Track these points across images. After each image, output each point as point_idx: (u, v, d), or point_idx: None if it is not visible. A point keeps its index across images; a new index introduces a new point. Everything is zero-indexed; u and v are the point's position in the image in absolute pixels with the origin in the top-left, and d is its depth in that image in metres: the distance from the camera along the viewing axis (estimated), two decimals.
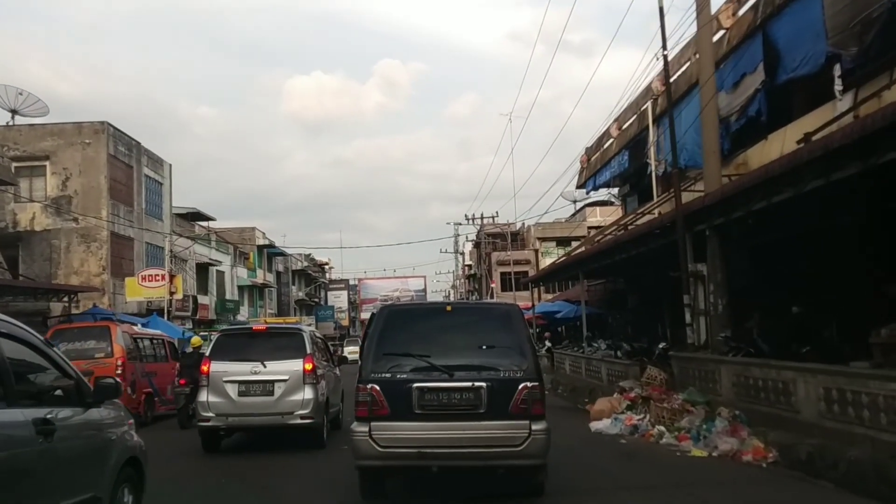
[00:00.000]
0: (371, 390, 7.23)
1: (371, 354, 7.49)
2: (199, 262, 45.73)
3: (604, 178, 31.62)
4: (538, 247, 63.09)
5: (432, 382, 7.21)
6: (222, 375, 11.20)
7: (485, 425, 7.11)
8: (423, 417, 7.15)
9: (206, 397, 11.23)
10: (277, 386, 11.11)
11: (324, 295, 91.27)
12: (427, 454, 7.09)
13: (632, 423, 12.58)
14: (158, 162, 40.60)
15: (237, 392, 11.16)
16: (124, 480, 5.74)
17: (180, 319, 39.71)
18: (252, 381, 11.16)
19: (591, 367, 19.60)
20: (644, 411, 12.90)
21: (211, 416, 11.18)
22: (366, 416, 7.23)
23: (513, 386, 7.14)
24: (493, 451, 7.07)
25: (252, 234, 59.86)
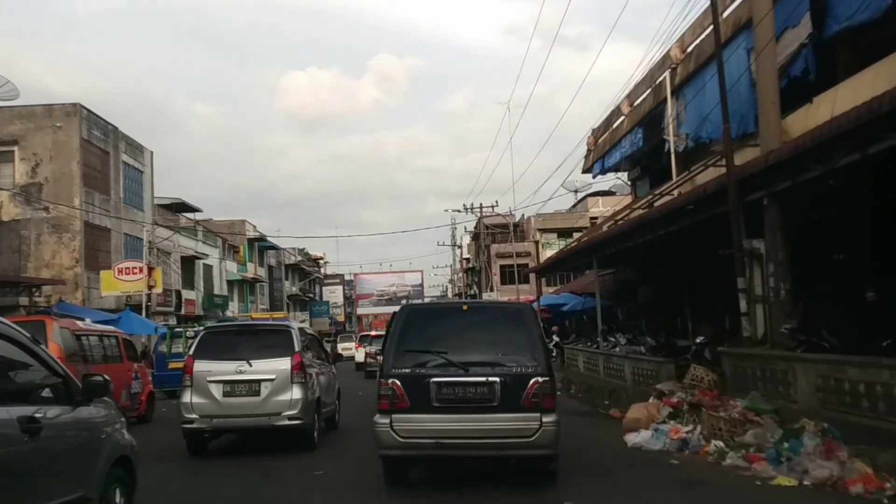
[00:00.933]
0: (392, 384, 7.66)
1: (392, 351, 7.92)
2: (184, 256, 43.13)
3: (613, 159, 29.05)
4: (539, 238, 60.55)
5: (449, 377, 7.61)
6: (206, 375, 10.64)
7: (498, 417, 7.48)
8: (441, 410, 7.55)
9: (189, 398, 10.67)
10: (264, 385, 10.58)
11: (318, 290, 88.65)
12: (444, 444, 7.53)
13: (679, 437, 10.06)
14: (138, 148, 37.98)
15: (222, 392, 10.59)
16: (115, 480, 5.66)
17: (163, 315, 37.18)
18: (237, 381, 10.60)
19: (612, 365, 17.08)
20: (692, 421, 10.39)
21: (195, 418, 10.63)
22: (387, 409, 7.66)
23: (525, 381, 7.50)
24: (506, 441, 7.45)
25: (242, 226, 57.21)
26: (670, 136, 22.75)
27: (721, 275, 20.47)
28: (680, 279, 23.41)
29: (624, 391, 15.71)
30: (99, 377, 5.60)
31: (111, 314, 26.37)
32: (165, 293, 37.50)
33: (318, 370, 12.10)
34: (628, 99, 27.12)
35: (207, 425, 10.73)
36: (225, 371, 10.63)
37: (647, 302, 29.47)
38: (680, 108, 22.37)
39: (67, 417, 5.21)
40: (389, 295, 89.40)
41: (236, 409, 10.62)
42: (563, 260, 26.20)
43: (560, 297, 32.50)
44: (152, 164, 39.41)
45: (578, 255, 23.09)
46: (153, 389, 18.04)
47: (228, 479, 9.29)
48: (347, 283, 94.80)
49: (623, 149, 27.47)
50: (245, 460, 10.73)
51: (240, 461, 10.72)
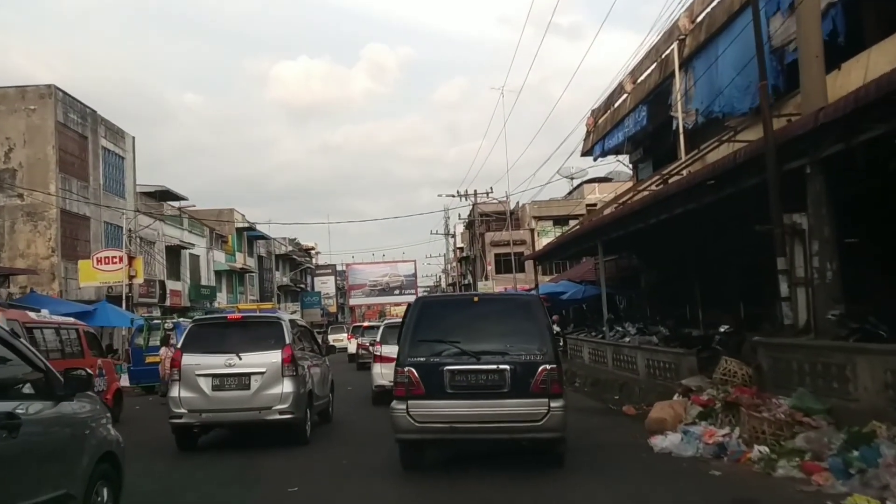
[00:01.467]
0: (408, 373, 8.01)
1: (408, 341, 8.25)
2: (169, 245, 41.55)
3: (615, 140, 27.58)
4: (534, 226, 59.12)
5: (462, 365, 7.97)
6: (195, 368, 10.40)
7: (508, 403, 7.81)
8: (454, 396, 7.91)
9: (177, 392, 10.43)
10: (254, 379, 10.33)
11: (310, 281, 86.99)
12: (458, 428, 7.92)
13: (714, 441, 8.63)
14: (119, 133, 36.32)
15: (211, 386, 10.34)
16: (100, 477, 5.54)
17: (146, 307, 35.60)
18: (226, 375, 10.33)
19: (622, 357, 15.66)
20: (728, 422, 8.97)
21: (183, 413, 10.35)
22: (403, 395, 8.00)
23: (533, 368, 7.84)
24: (516, 425, 7.77)
25: (231, 215, 55.57)
26: (678, 112, 21.31)
27: (736, 259, 19.17)
28: (687, 265, 22.03)
29: (637, 385, 14.32)
30: (81, 371, 5.50)
31: (87, 306, 24.82)
32: (149, 284, 35.92)
33: (311, 363, 11.81)
34: (631, 76, 25.66)
35: (196, 420, 10.44)
36: (214, 364, 10.37)
37: (651, 289, 28.10)
38: (689, 83, 20.92)
39: (49, 413, 5.07)
40: (382, 285, 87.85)
41: (226, 403, 10.33)
42: (564, 245, 24.76)
43: (559, 286, 31.09)
44: (134, 150, 37.76)
45: (581, 240, 21.64)
46: (121, 387, 16.55)
47: (214, 475, 8.97)
48: (340, 274, 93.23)
49: (626, 128, 26.02)
50: (234, 456, 10.33)
51: (229, 457, 10.31)
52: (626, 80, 25.94)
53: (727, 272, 19.03)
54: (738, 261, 18.09)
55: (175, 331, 21.87)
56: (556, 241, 26.71)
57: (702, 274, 20.63)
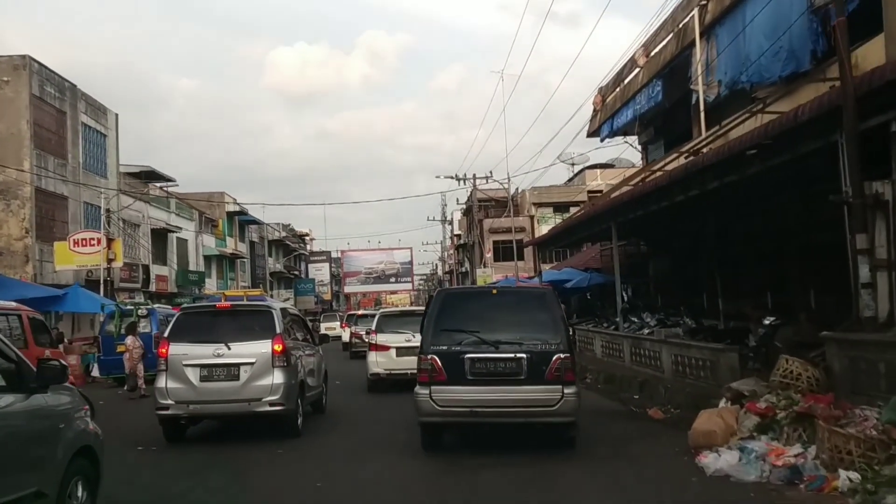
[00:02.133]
0: (431, 360, 8.54)
1: (430, 330, 8.78)
2: (154, 228, 39.67)
3: (624, 118, 25.73)
4: (534, 213, 57.29)
5: (481, 353, 8.47)
6: (182, 358, 10.06)
7: (525, 389, 8.35)
8: (474, 382, 8.42)
9: (164, 383, 10.09)
10: (243, 370, 10.01)
11: (304, 267, 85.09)
12: (478, 412, 8.39)
13: (784, 462, 6.84)
14: (101, 110, 34.35)
15: (199, 377, 10.01)
16: (76, 473, 5.31)
17: (128, 292, 33.72)
18: (215, 365, 10.03)
19: (643, 351, 13.86)
20: (797, 438, 7.18)
21: (170, 404, 10.01)
22: (427, 381, 8.52)
23: (548, 357, 8.34)
24: (531, 409, 8.30)
25: (221, 199, 53.66)
26: (699, 84, 19.46)
27: (764, 242, 17.40)
28: (705, 250, 20.27)
29: (661, 384, 12.54)
30: (55, 362, 5.38)
31: (56, 290, 22.96)
32: (131, 268, 34.09)
33: (303, 352, 11.48)
34: (644, 48, 23.78)
35: (184, 411, 10.08)
36: (202, 354, 10.03)
37: (661, 277, 26.35)
38: (711, 52, 19.06)
39: (19, 406, 4.87)
40: (378, 273, 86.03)
41: (214, 394, 10.01)
42: (571, 229, 22.93)
43: (562, 273, 29.31)
44: (117, 128, 35.81)
45: (592, 222, 19.82)
46: (74, 381, 14.69)
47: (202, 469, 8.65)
48: (335, 261, 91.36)
49: (637, 105, 24.15)
50: (222, 448, 10.04)
51: (215, 449, 10.00)
52: (638, 53, 24.06)
53: (751, 257, 17.25)
54: (767, 243, 16.31)
55: (150, 318, 20.05)
56: (563, 225, 24.86)
57: (723, 260, 18.83)
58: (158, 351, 10.63)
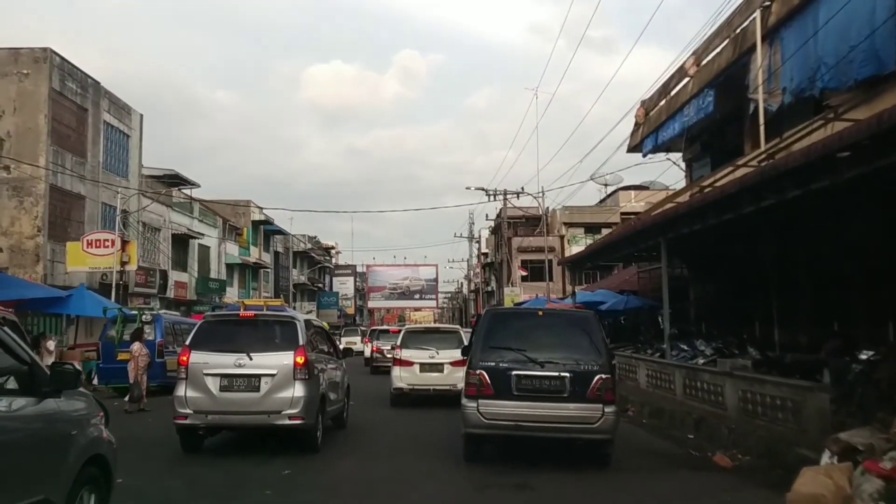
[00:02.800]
0: (479, 375, 8.89)
1: (479, 347, 9.16)
2: (176, 233, 38.40)
3: (671, 132, 23.94)
4: (564, 233, 55.41)
5: (527, 371, 8.81)
6: (202, 367, 9.80)
7: (568, 406, 8.68)
8: (520, 398, 8.77)
9: (183, 391, 9.82)
10: (264, 381, 9.72)
11: (328, 280, 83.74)
12: (522, 426, 8.79)
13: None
14: (125, 109, 33.20)
15: (218, 386, 9.72)
16: (86, 482, 5.09)
17: (143, 297, 32.35)
18: (235, 375, 9.72)
19: (701, 385, 12.01)
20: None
21: (188, 413, 9.71)
22: (474, 395, 8.89)
23: (590, 377, 8.73)
24: (573, 426, 8.60)
25: (246, 208, 52.46)
26: (759, 92, 17.65)
27: (833, 266, 15.50)
28: (756, 273, 18.40)
29: (724, 424, 10.71)
30: (69, 366, 5.18)
31: (61, 291, 21.57)
32: (148, 273, 32.72)
33: (325, 365, 11.23)
34: (694, 57, 22.02)
35: (202, 421, 9.82)
36: (223, 364, 9.80)
37: (704, 303, 24.43)
38: (774, 57, 17.28)
39: (31, 410, 4.64)
40: (402, 289, 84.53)
41: (233, 405, 9.73)
42: (612, 245, 21.12)
43: (596, 295, 27.41)
44: (141, 129, 34.64)
45: (637, 238, 18.06)
46: None
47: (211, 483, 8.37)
48: (360, 276, 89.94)
49: (685, 117, 22.35)
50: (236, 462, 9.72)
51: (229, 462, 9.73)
52: (688, 62, 22.34)
53: (827, 281, 15.34)
54: (846, 267, 14.41)
55: (154, 324, 18.54)
56: (603, 241, 23.05)
57: (782, 284, 16.94)
58: (179, 359, 10.33)
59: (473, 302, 78.01)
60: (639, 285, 28.30)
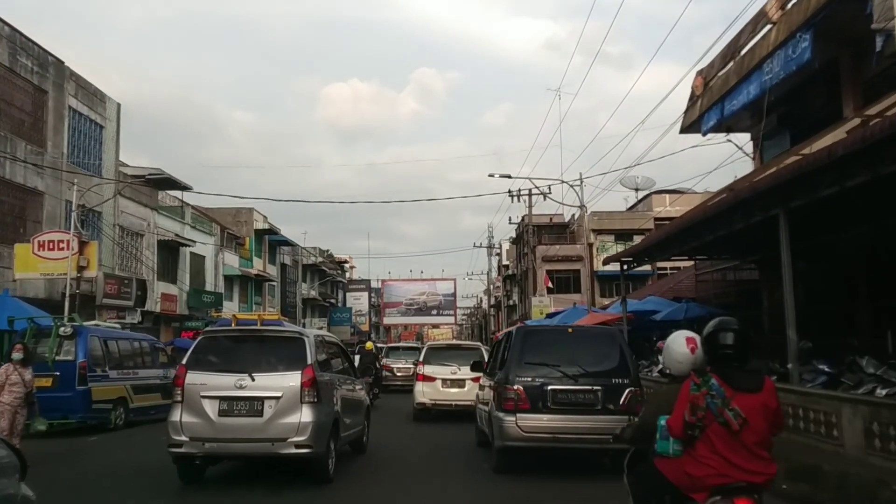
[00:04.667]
0: (517, 390, 9.16)
1: (514, 362, 9.47)
2: (163, 240, 33.72)
3: (743, 98, 18.98)
4: (593, 240, 50.33)
5: (562, 385, 9.19)
6: (200, 389, 8.66)
7: (600, 419, 9.00)
8: (555, 411, 9.11)
9: (178, 416, 8.66)
10: (268, 404, 8.59)
11: (341, 296, 78.91)
12: (559, 438, 9.15)
13: None
14: (97, 96, 28.66)
15: (217, 410, 8.59)
16: None
17: (115, 311, 27.55)
18: (236, 398, 8.59)
19: None
20: None
21: (184, 441, 8.57)
22: (512, 409, 9.12)
23: (621, 390, 9.11)
24: (606, 437, 8.61)
25: (249, 216, 47.82)
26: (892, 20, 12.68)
27: None
28: (861, 272, 13.41)
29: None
30: None
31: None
32: (121, 282, 27.95)
33: (340, 386, 10.02)
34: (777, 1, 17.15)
35: (199, 450, 8.61)
36: (222, 385, 8.66)
37: (778, 310, 19.40)
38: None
39: None
40: (419, 304, 79.53)
41: (233, 431, 8.56)
42: (694, 229, 15.93)
43: (646, 303, 22.37)
44: (118, 120, 30.08)
45: (734, 214, 13.06)
46: None
47: None
48: (375, 291, 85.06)
49: (767, 74, 17.32)
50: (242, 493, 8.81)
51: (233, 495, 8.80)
52: (768, 5, 17.43)
53: None
54: None
55: (76, 340, 13.74)
56: (675, 226, 17.82)
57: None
58: (175, 380, 9.09)
59: (493, 317, 72.92)
60: (696, 291, 23.23)
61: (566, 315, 26.29)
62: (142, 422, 15.37)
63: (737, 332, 4.11)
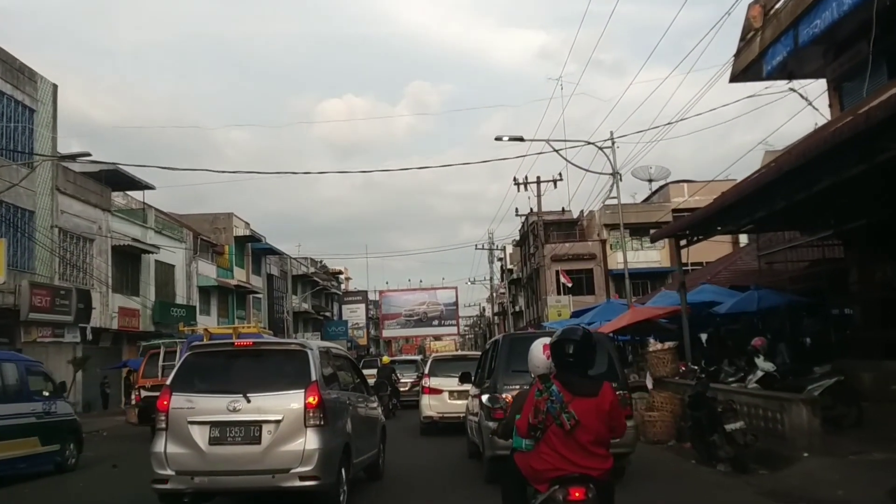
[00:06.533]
0: (506, 398, 8.21)
1: (501, 371, 9.33)
2: (118, 245, 28.83)
3: (828, 18, 14.21)
4: (606, 237, 45.47)
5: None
6: (187, 414, 7.39)
7: None
8: None
9: (163, 446, 7.36)
10: (266, 430, 7.31)
11: (337, 308, 73.95)
12: None
13: None
14: (25, 73, 23.91)
15: (207, 439, 7.29)
16: None
17: (50, 327, 22.63)
18: (229, 423, 7.33)
19: None
20: None
21: (170, 475, 7.25)
22: (503, 418, 7.88)
23: None
24: None
25: (228, 221, 43.00)
26: None
27: None
28: None
29: None
30: None
31: None
32: (56, 293, 23.04)
33: (351, 405, 8.79)
34: None
35: (187, 485, 7.36)
36: (213, 408, 7.38)
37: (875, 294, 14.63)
38: None
39: None
40: (419, 315, 74.53)
41: (227, 462, 7.29)
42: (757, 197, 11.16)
43: (701, 292, 17.43)
44: (55, 103, 25.31)
45: (799, 177, 8.31)
46: None
47: None
48: (373, 304, 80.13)
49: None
50: None
51: None
52: None
53: None
54: None
55: None
56: (736, 192, 12.95)
57: None
58: (158, 403, 7.59)
59: (497, 326, 68.12)
60: (761, 275, 18.33)
61: (598, 312, 21.46)
62: (3, 480, 10.46)
63: (577, 342, 4.46)
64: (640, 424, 12.91)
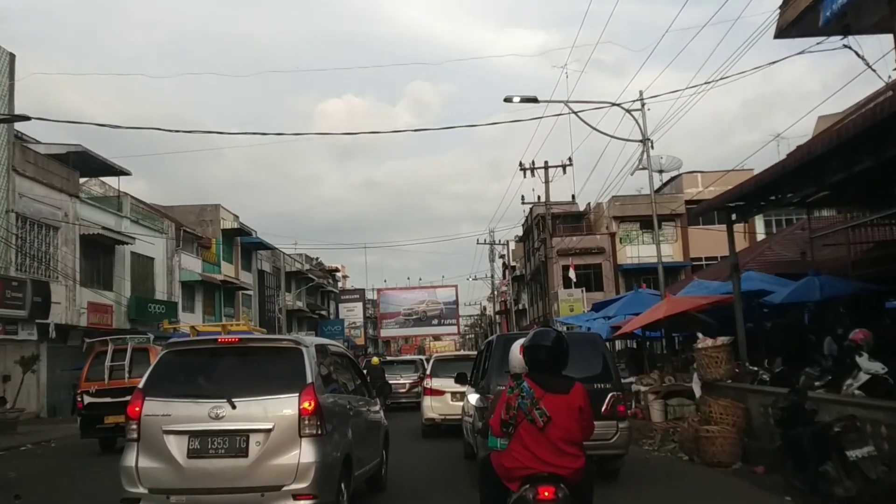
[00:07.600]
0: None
1: (495, 371, 9.08)
2: (87, 234, 26.13)
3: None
4: (615, 229, 42.82)
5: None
6: (162, 422, 6.35)
7: None
8: None
9: (133, 460, 6.31)
10: (254, 440, 6.29)
11: (333, 307, 71.20)
12: None
13: None
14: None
15: (186, 451, 6.27)
16: None
17: (4, 324, 19.94)
18: (211, 433, 6.31)
19: None
20: None
21: (141, 494, 6.26)
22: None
23: (604, 395, 8.86)
24: (592, 443, 7.57)
25: (215, 213, 40.31)
26: None
27: None
28: None
29: None
30: None
31: None
32: (9, 285, 20.35)
33: (351, 410, 7.74)
34: None
35: None
36: (192, 416, 6.35)
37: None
38: None
39: None
40: (418, 314, 71.90)
41: (209, 478, 6.22)
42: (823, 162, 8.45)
43: (748, 279, 14.73)
44: (12, 74, 22.62)
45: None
46: None
47: None
48: (371, 302, 77.41)
49: None
50: None
51: None
52: None
53: None
54: None
55: None
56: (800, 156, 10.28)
57: None
58: (129, 409, 6.47)
59: (500, 325, 65.43)
60: (815, 259, 15.65)
61: (624, 304, 18.78)
62: None
63: (548, 348, 4.49)
64: (694, 441, 10.21)
